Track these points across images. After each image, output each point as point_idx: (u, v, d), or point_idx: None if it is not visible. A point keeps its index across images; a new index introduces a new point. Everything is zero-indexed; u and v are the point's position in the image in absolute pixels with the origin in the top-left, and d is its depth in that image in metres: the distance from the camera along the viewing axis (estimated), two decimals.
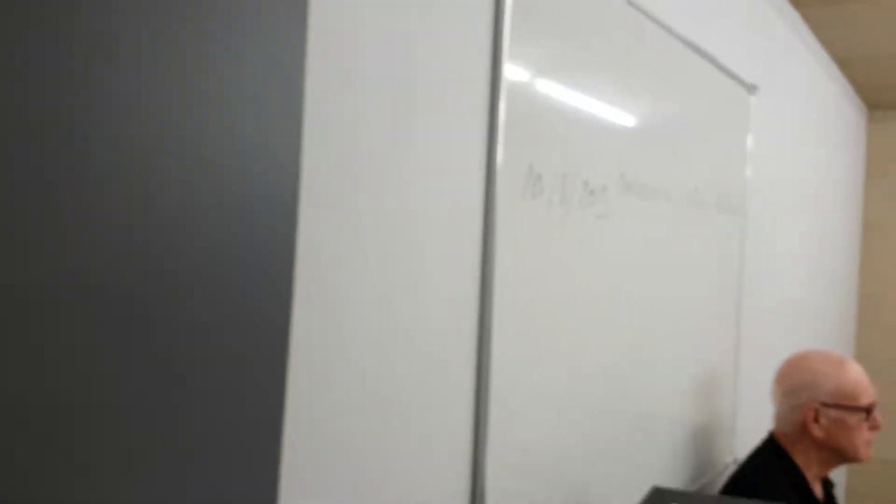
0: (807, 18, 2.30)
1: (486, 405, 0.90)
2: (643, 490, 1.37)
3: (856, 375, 1.47)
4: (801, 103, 2.40)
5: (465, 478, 0.91)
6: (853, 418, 1.45)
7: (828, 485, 1.59)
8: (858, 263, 3.58)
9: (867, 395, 1.46)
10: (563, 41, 1.02)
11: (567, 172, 1.04)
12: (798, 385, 1.49)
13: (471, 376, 0.90)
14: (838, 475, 3.46)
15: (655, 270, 1.37)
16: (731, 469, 1.75)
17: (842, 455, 1.46)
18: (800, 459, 1.47)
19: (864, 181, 3.59)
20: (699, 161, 1.54)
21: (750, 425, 1.85)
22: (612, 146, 1.18)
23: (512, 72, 0.91)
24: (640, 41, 1.26)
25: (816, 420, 1.45)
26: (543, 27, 0.98)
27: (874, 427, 1.47)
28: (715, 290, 1.67)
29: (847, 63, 2.78)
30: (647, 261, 1.33)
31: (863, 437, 1.46)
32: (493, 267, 0.89)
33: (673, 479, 1.52)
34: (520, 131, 0.93)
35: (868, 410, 1.45)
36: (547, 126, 0.99)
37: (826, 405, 1.45)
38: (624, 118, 1.22)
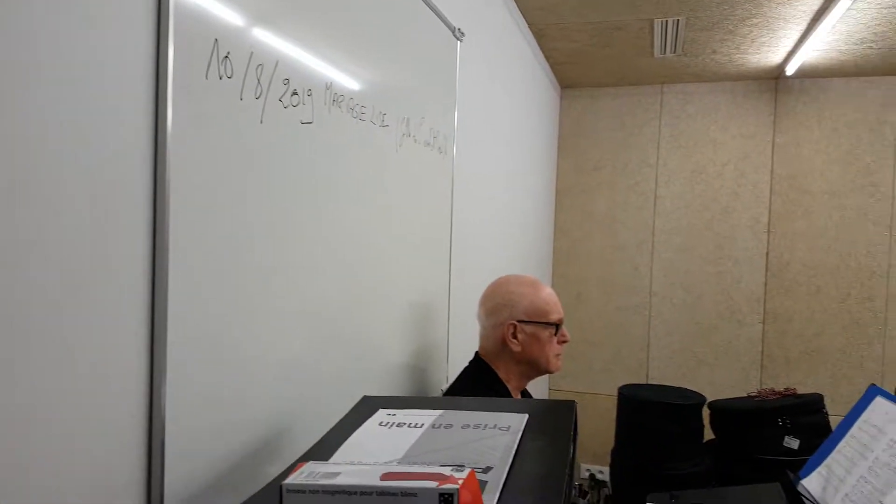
0: None
1: (163, 325, 0.78)
2: None
3: (546, 296, 1.63)
4: (504, 61, 2.61)
5: (141, 409, 0.77)
6: (545, 333, 1.60)
7: (526, 395, 1.75)
8: (553, 222, 4.08)
9: (557, 312, 1.63)
10: None
11: (264, 63, 0.95)
12: (499, 305, 1.61)
13: (143, 292, 0.76)
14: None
15: (367, 196, 1.35)
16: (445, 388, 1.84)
17: (536, 366, 1.62)
18: (502, 373, 1.60)
19: (556, 153, 4.09)
20: (411, 95, 1.56)
21: (462, 349, 1.96)
22: (321, 51, 1.11)
23: None
24: None
25: (515, 336, 1.58)
26: None
27: (563, 340, 1.65)
28: (428, 223, 1.72)
29: (542, 36, 3.10)
30: (358, 184, 1.30)
31: (553, 350, 1.63)
32: (167, 146, 0.76)
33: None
34: None
35: (557, 326, 1.62)
36: (237, 4, 0.89)
37: (522, 322, 1.59)
38: (333, 29, 1.16)
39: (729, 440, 2.91)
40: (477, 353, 1.64)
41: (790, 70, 3.43)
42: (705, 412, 3.02)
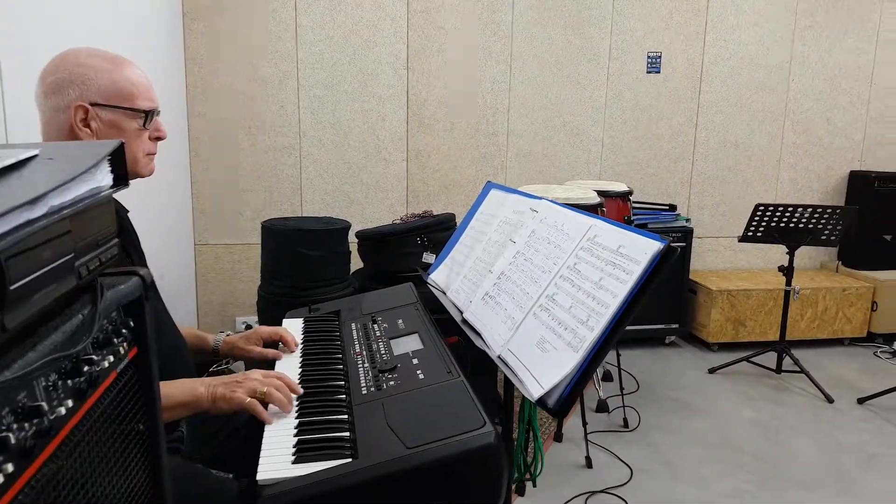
0: None
1: None
2: None
3: (133, 75, 1.29)
4: None
5: None
6: (131, 123, 1.28)
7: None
8: (183, 50, 3.55)
9: (148, 99, 1.31)
10: None
11: None
12: (62, 81, 1.22)
13: None
14: (187, 261, 3.58)
15: None
16: None
17: None
18: None
19: None
20: None
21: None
22: None
23: None
24: None
25: (87, 124, 1.23)
26: None
27: (157, 136, 1.35)
28: None
29: None
30: None
31: (144, 147, 1.32)
32: None
33: None
34: None
35: (148, 115, 1.31)
36: None
37: (97, 105, 1.24)
38: None
39: (376, 263, 3.00)
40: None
41: None
42: (354, 242, 3.06)
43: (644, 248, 1.13)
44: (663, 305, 4.00)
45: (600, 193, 2.91)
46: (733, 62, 4.17)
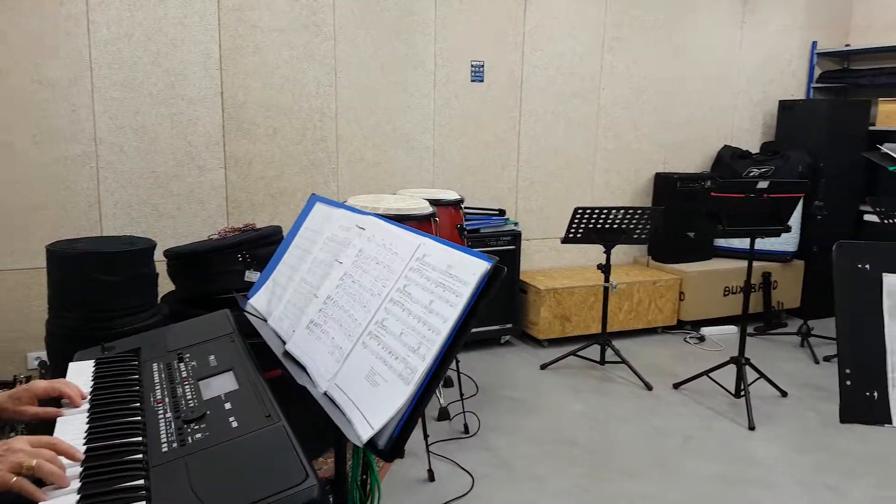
0: None
1: None
2: None
3: None
4: None
5: None
6: None
7: None
8: None
9: None
10: None
11: None
12: None
13: None
14: None
15: None
16: None
17: None
18: None
19: None
20: None
21: None
22: None
23: None
24: None
25: None
26: None
27: None
28: None
29: None
30: None
31: None
32: None
33: None
34: None
35: None
36: None
37: None
38: None
39: (190, 285, 2.71)
40: None
41: None
42: (164, 262, 2.73)
43: (472, 269, 1.06)
44: (497, 306, 4.08)
45: (432, 202, 2.87)
46: (550, 72, 4.37)
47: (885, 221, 3.74)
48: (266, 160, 3.72)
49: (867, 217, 4.78)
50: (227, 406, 1.22)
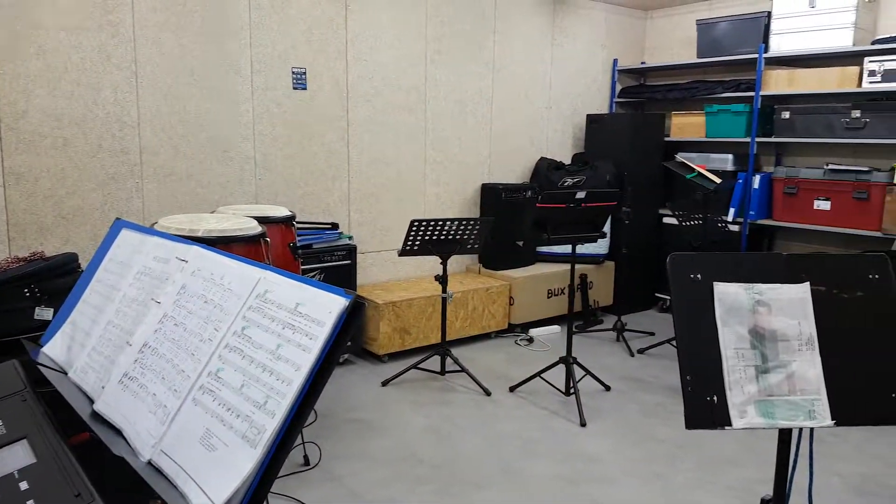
0: None
1: None
2: None
3: None
4: None
5: None
6: None
7: None
8: None
9: None
10: None
11: None
12: None
13: None
14: None
15: None
16: None
17: None
18: None
19: None
20: None
21: None
22: None
23: None
24: None
25: None
26: None
27: None
28: None
29: None
30: None
31: None
32: None
33: None
34: None
35: None
36: None
37: None
38: None
39: None
40: None
41: None
42: None
43: (327, 307, 0.93)
44: None
45: (261, 220, 2.64)
46: (375, 82, 4.30)
47: (684, 224, 4.15)
48: (55, 176, 3.23)
49: (666, 220, 5.30)
50: (23, 486, 0.98)
